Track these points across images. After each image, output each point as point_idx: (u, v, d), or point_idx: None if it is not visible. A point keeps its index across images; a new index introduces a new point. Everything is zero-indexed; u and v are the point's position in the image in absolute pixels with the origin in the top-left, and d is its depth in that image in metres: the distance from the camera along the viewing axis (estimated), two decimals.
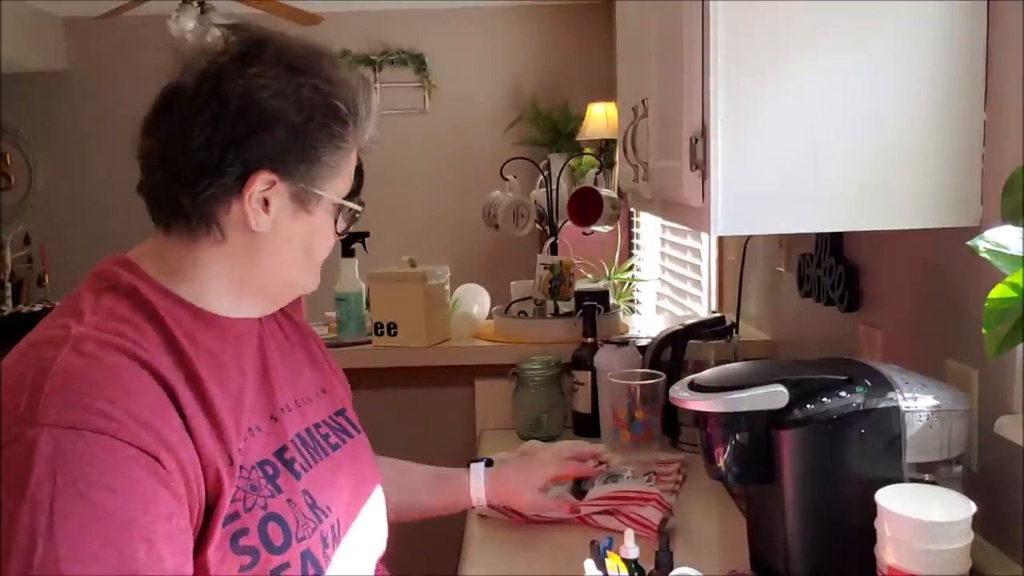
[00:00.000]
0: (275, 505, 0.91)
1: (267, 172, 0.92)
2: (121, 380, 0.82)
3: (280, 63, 0.92)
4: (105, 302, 0.90)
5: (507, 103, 5.43)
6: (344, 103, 0.94)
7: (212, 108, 0.90)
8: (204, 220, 0.93)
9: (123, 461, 0.78)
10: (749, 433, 1.13)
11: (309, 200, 0.96)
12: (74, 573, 0.74)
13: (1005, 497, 1.14)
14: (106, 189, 5.46)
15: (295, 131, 0.92)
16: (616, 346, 1.95)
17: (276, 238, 0.95)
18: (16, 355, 0.87)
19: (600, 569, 1.13)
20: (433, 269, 2.21)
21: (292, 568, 0.90)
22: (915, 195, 1.16)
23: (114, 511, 0.76)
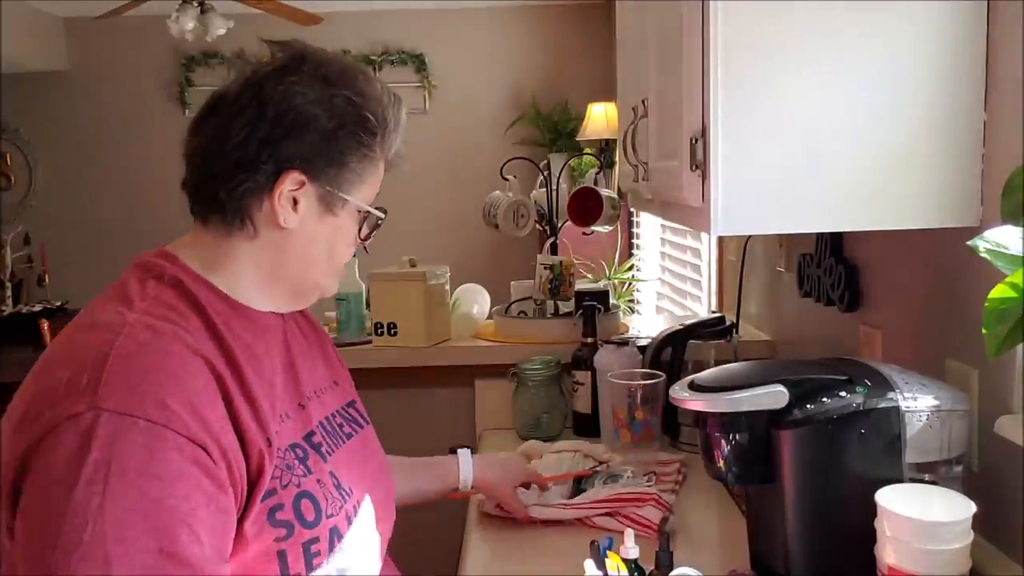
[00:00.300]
0: (307, 484, 0.98)
1: (297, 172, 0.99)
2: (174, 368, 0.89)
3: (317, 75, 1.00)
4: (151, 290, 0.97)
5: (507, 103, 5.43)
6: (373, 115, 1.02)
7: (251, 111, 0.98)
8: (238, 214, 0.99)
9: (172, 451, 0.84)
10: (749, 433, 1.13)
11: (335, 203, 1.02)
12: (119, 552, 0.79)
13: (1005, 497, 1.14)
14: (106, 189, 5.47)
15: (325, 137, 0.99)
16: (616, 346, 1.95)
17: (303, 236, 1.02)
18: (71, 335, 0.93)
19: (600, 569, 1.13)
20: (433, 269, 2.21)
21: (321, 543, 0.97)
22: (915, 195, 1.16)
23: (160, 498, 0.82)
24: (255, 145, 0.97)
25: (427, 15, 5.38)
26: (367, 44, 5.40)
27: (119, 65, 5.38)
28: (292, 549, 0.94)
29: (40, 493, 0.82)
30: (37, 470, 0.83)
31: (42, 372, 0.92)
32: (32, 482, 0.83)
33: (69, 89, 5.39)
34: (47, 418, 0.84)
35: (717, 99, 1.14)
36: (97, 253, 5.47)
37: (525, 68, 5.44)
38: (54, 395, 0.85)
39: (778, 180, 1.15)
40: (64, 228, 5.45)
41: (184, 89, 5.38)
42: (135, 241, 6.34)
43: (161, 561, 0.81)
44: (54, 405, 0.85)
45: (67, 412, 0.83)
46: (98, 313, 0.95)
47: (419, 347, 2.18)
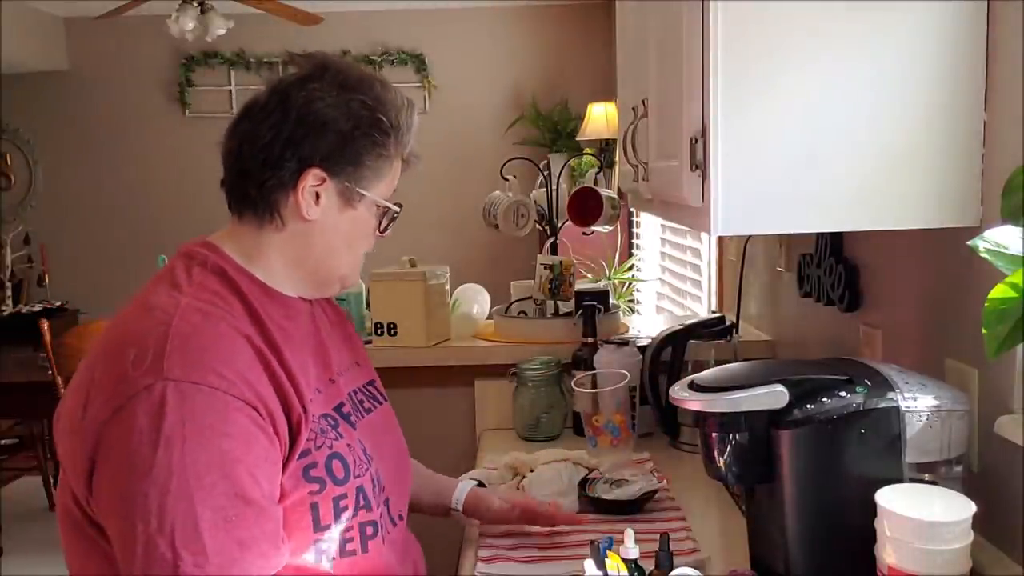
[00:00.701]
0: (338, 447, 1.11)
1: (317, 169, 1.09)
2: (224, 345, 1.02)
3: (335, 82, 1.11)
4: (197, 277, 1.09)
5: (507, 103, 5.43)
6: (387, 117, 1.12)
7: (277, 115, 1.09)
8: (268, 209, 1.11)
9: (232, 411, 0.98)
10: (749, 433, 1.13)
11: (353, 197, 1.13)
12: (201, 496, 0.94)
13: (1005, 497, 1.14)
14: (106, 189, 5.47)
15: (343, 137, 1.10)
16: (616, 346, 1.95)
17: (325, 228, 1.12)
18: (129, 318, 1.05)
19: (600, 569, 1.13)
20: (433, 269, 2.21)
21: (348, 499, 1.10)
22: (915, 195, 1.16)
23: (227, 451, 0.97)
24: (280, 145, 1.08)
25: (427, 15, 5.38)
26: (367, 44, 5.40)
27: (119, 65, 5.39)
28: (324, 503, 1.07)
29: (125, 457, 0.94)
30: (117, 438, 0.95)
31: (105, 354, 1.02)
32: (114, 449, 0.95)
33: (69, 89, 5.39)
34: (120, 393, 0.96)
35: (717, 99, 1.14)
36: (97, 253, 5.47)
37: (525, 68, 5.44)
38: (123, 372, 0.97)
39: (778, 180, 1.15)
40: (64, 228, 5.45)
41: (184, 89, 5.39)
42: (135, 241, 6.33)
43: (234, 502, 0.96)
44: (124, 381, 0.96)
45: (139, 385, 0.95)
46: (152, 297, 1.06)
47: (419, 347, 2.18)
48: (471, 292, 2.46)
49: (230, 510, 0.96)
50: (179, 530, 0.92)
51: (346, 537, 1.09)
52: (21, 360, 4.02)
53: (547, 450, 1.67)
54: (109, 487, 0.96)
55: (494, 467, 1.69)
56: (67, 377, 3.38)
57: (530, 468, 1.62)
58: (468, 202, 3.66)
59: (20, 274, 5.22)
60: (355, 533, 1.10)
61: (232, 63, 5.36)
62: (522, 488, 1.57)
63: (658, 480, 1.58)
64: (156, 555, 0.92)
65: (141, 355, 0.97)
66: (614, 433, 1.83)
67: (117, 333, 1.04)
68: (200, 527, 0.93)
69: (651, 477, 1.58)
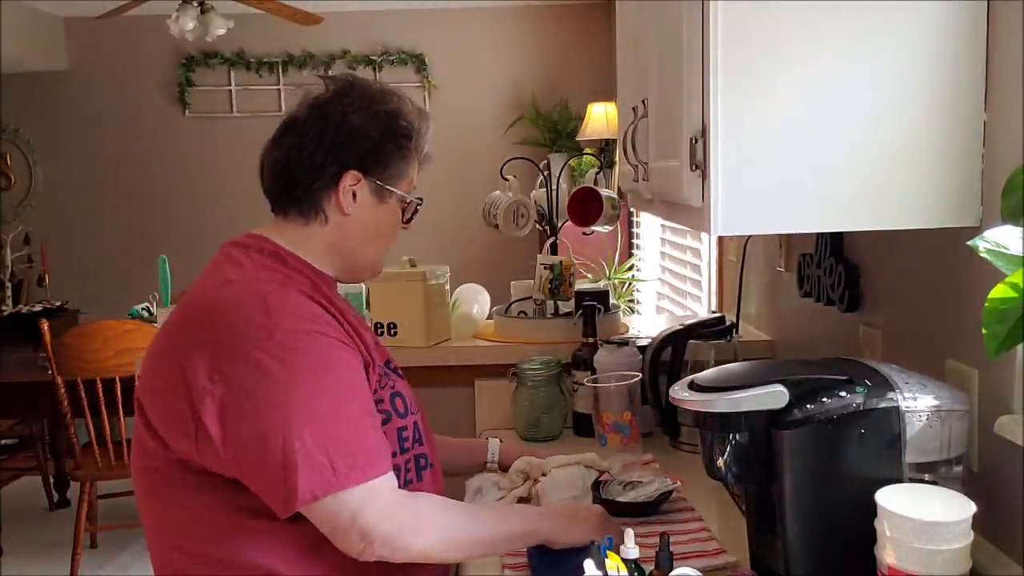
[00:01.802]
0: (399, 386, 1.36)
1: (354, 170, 1.29)
2: (306, 305, 1.23)
3: (364, 97, 1.32)
4: (256, 260, 1.27)
5: (507, 103, 5.43)
6: (407, 123, 1.34)
7: (318, 127, 1.29)
8: (313, 207, 1.30)
9: (337, 348, 1.21)
10: (749, 433, 1.13)
11: (384, 194, 1.33)
12: (337, 415, 1.16)
13: (1005, 497, 1.14)
14: (106, 189, 5.47)
15: (374, 143, 1.30)
16: (616, 346, 1.95)
17: (361, 221, 1.32)
18: (211, 292, 1.24)
19: (600, 569, 1.13)
20: (433, 269, 2.21)
21: (408, 431, 1.33)
22: (915, 195, 1.16)
23: (345, 379, 1.20)
24: (322, 153, 1.28)
25: (427, 15, 5.38)
26: (367, 44, 5.40)
27: (119, 65, 5.38)
28: (390, 433, 1.28)
29: (264, 393, 1.13)
30: (252, 381, 1.14)
31: (206, 319, 1.20)
32: (249, 391, 1.13)
33: (69, 89, 5.39)
34: (240, 346, 1.15)
35: (717, 99, 1.14)
36: (97, 253, 5.47)
37: (525, 68, 5.44)
38: (236, 330, 1.17)
39: (778, 180, 1.15)
40: (64, 228, 5.44)
41: (184, 89, 5.38)
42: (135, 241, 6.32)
43: (362, 416, 1.19)
44: (240, 336, 1.16)
45: (259, 336, 1.15)
46: (224, 275, 1.24)
47: (419, 347, 2.18)
48: (471, 292, 2.46)
49: (362, 421, 1.19)
50: (330, 444, 1.13)
51: (408, 466, 1.31)
52: (21, 360, 4.02)
53: (559, 456, 1.65)
54: (249, 423, 1.13)
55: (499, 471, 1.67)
56: (67, 377, 3.38)
57: (542, 472, 1.60)
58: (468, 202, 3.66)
59: (20, 274, 5.21)
60: (412, 464, 1.33)
61: (232, 63, 5.36)
62: (535, 493, 1.56)
63: (672, 481, 1.55)
64: (315, 463, 1.12)
65: (248, 314, 1.17)
66: (624, 432, 1.82)
67: (206, 304, 1.22)
68: (343, 437, 1.15)
69: (664, 478, 1.56)
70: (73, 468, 3.58)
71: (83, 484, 3.49)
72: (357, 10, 5.29)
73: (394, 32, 5.40)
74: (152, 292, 3.88)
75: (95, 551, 3.89)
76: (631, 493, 1.52)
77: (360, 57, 5.37)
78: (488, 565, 1.37)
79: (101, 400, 3.36)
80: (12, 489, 4.49)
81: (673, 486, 1.53)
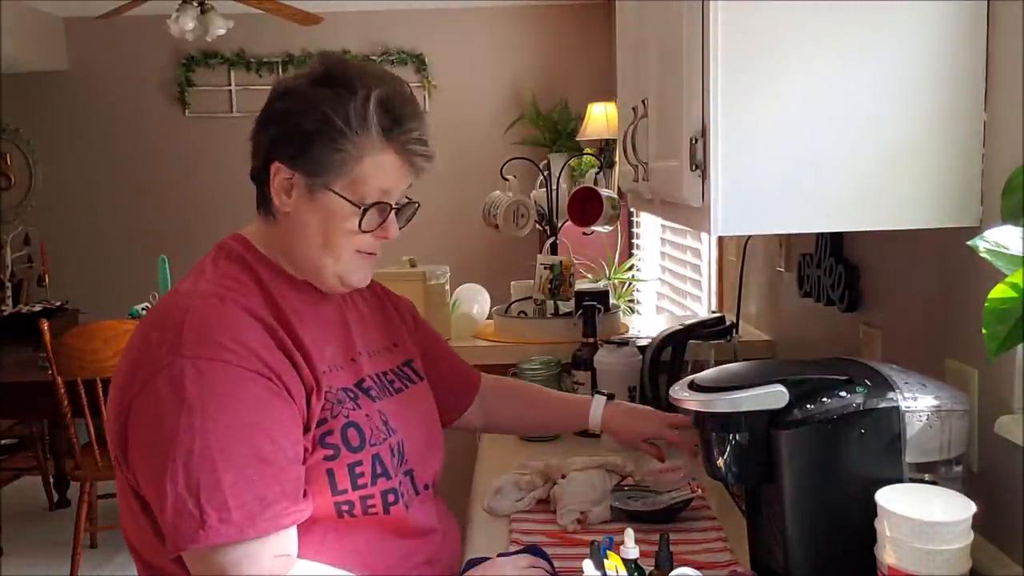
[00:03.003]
0: (355, 416, 1.19)
1: (278, 162, 1.16)
2: (234, 322, 1.11)
3: (314, 81, 1.17)
4: (221, 267, 1.20)
5: (507, 103, 5.43)
6: (337, 117, 1.14)
7: (264, 114, 1.20)
8: (263, 203, 1.22)
9: (246, 381, 1.08)
10: (749, 433, 1.13)
11: (316, 190, 1.17)
12: (223, 458, 1.03)
13: (1005, 497, 1.14)
14: (106, 189, 5.47)
15: (305, 134, 1.15)
16: (616, 346, 1.95)
17: (298, 220, 1.19)
18: (160, 304, 1.18)
19: (599, 569, 1.12)
20: (433, 269, 2.21)
21: (363, 466, 1.18)
22: (915, 195, 1.16)
23: (243, 416, 1.06)
24: (256, 142, 1.20)
25: (427, 15, 5.38)
26: (367, 44, 5.40)
27: (119, 65, 5.38)
28: (339, 469, 1.15)
29: (151, 425, 1.05)
30: (144, 409, 1.06)
31: (139, 336, 1.14)
32: (142, 420, 1.06)
33: (69, 89, 5.39)
34: (145, 371, 1.07)
35: (717, 99, 1.14)
36: (97, 253, 5.47)
37: (525, 68, 5.44)
38: (149, 352, 1.08)
39: (778, 180, 1.15)
40: (64, 228, 5.44)
41: (184, 89, 5.38)
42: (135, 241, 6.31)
43: (253, 462, 1.05)
44: (150, 360, 1.08)
45: (160, 363, 1.06)
46: (181, 285, 1.19)
47: None
48: (471, 292, 2.46)
49: (249, 469, 1.05)
50: (204, 489, 1.02)
51: (368, 503, 1.18)
52: (21, 360, 4.01)
53: (580, 458, 1.63)
54: (141, 454, 1.07)
55: (525, 472, 1.65)
56: (67, 377, 3.38)
57: (562, 474, 1.58)
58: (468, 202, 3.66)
59: (20, 274, 5.21)
60: (377, 500, 1.19)
61: (232, 63, 5.36)
62: (553, 497, 1.55)
63: (691, 490, 1.52)
64: (185, 511, 1.02)
65: (162, 337, 1.09)
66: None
67: (149, 318, 1.17)
68: (222, 486, 1.02)
69: (686, 487, 1.54)
70: (73, 468, 3.58)
71: (83, 484, 3.49)
72: (357, 10, 5.29)
73: (394, 32, 5.40)
74: (152, 292, 3.87)
75: (95, 551, 3.89)
76: (640, 502, 1.51)
77: (360, 57, 5.37)
78: None
79: (101, 400, 3.35)
80: (12, 489, 4.49)
81: (692, 495, 1.51)
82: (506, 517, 1.54)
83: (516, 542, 1.42)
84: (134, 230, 5.45)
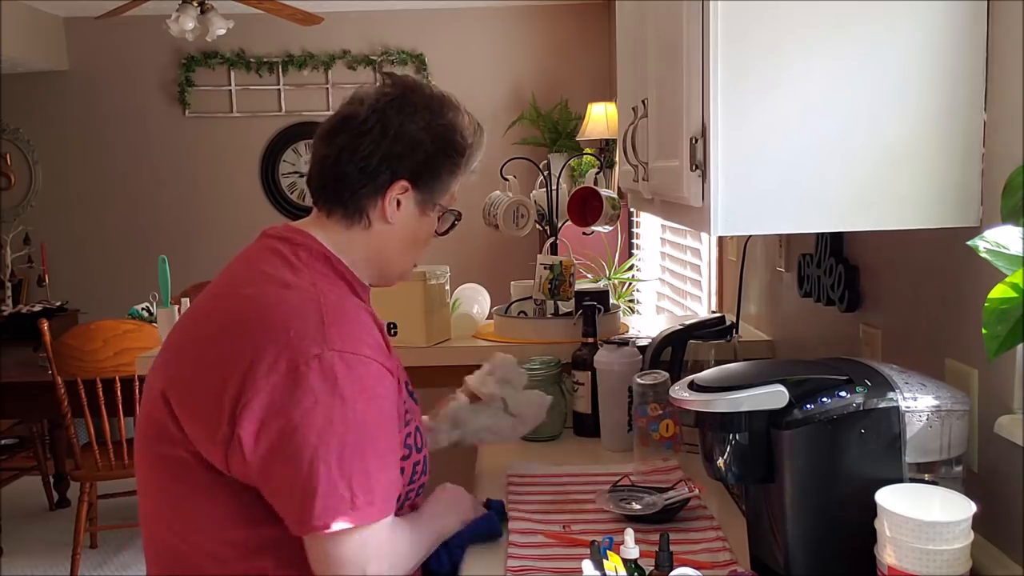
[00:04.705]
0: (417, 420, 1.36)
1: (405, 181, 1.29)
2: (362, 320, 1.23)
3: (424, 106, 1.30)
4: (306, 260, 1.27)
5: (507, 103, 5.43)
6: (463, 141, 1.33)
7: (376, 132, 1.27)
8: (358, 211, 1.30)
9: (382, 376, 1.19)
10: (749, 433, 1.13)
11: (427, 206, 1.33)
12: (372, 448, 1.15)
13: (1005, 497, 1.14)
14: (106, 189, 5.47)
15: (429, 155, 1.30)
16: (616, 346, 1.95)
17: (401, 230, 1.33)
18: (269, 295, 1.20)
19: (598, 569, 1.12)
20: (433, 269, 2.21)
21: (420, 466, 1.33)
22: (915, 195, 1.16)
23: (384, 409, 1.19)
24: (377, 159, 1.27)
25: (427, 15, 5.38)
26: (367, 44, 5.40)
27: (119, 65, 5.38)
28: (408, 467, 1.28)
29: (305, 412, 1.11)
30: (294, 398, 1.11)
31: (261, 327, 1.16)
32: (288, 407, 1.11)
33: (69, 89, 5.39)
34: (291, 360, 1.12)
35: (717, 99, 1.14)
36: (97, 253, 5.47)
37: (525, 68, 5.44)
38: (288, 342, 1.13)
39: (778, 180, 1.15)
40: (64, 228, 5.44)
41: (184, 89, 5.38)
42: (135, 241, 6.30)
43: (390, 453, 1.19)
44: (293, 349, 1.13)
45: (310, 354, 1.13)
46: (280, 275, 1.23)
47: (419, 347, 2.17)
48: (471, 292, 2.46)
49: (388, 457, 1.18)
50: (355, 475, 1.12)
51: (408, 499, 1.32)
52: (21, 360, 4.02)
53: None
54: (283, 438, 1.11)
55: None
56: (67, 377, 3.38)
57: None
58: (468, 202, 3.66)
59: (20, 274, 5.21)
60: (412, 497, 1.33)
61: (232, 63, 5.36)
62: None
63: (689, 490, 1.52)
64: (336, 493, 1.11)
65: (303, 325, 1.15)
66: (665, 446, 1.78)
67: (260, 306, 1.19)
68: (370, 472, 1.14)
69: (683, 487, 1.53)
70: (73, 468, 3.58)
71: (83, 484, 3.49)
72: (357, 10, 5.29)
73: (394, 32, 5.40)
74: (152, 292, 3.88)
75: (95, 551, 3.89)
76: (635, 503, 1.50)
77: (360, 57, 5.37)
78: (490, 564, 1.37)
79: (101, 400, 3.36)
80: (12, 489, 4.49)
81: (689, 495, 1.51)
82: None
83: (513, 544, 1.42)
84: (134, 230, 5.45)
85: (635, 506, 1.49)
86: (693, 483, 1.54)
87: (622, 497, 1.53)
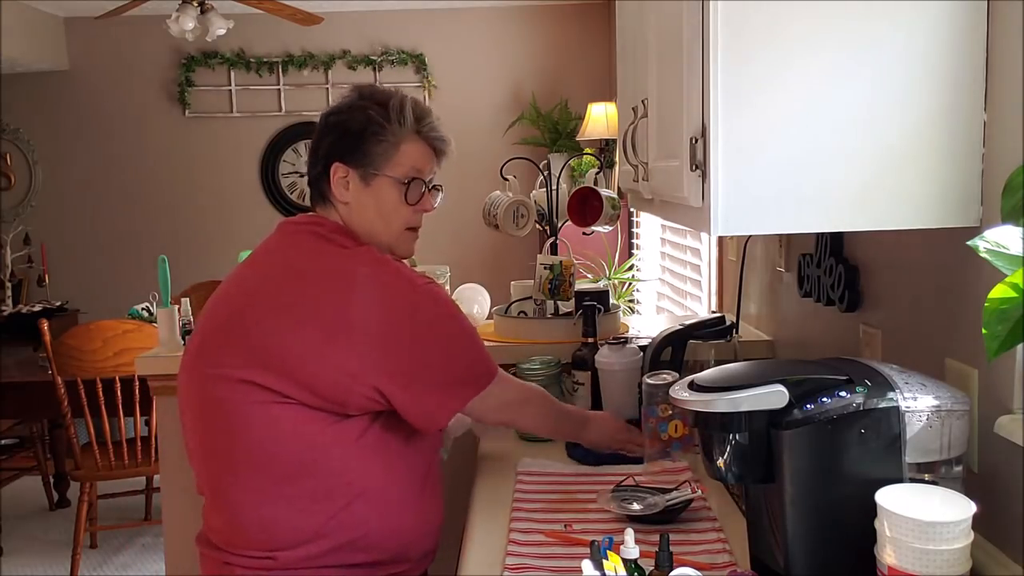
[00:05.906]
0: None
1: (338, 163, 1.54)
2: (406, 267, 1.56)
3: (351, 98, 1.57)
4: (340, 239, 1.52)
5: (507, 103, 5.43)
6: (377, 114, 1.53)
7: (316, 132, 1.59)
8: (322, 197, 1.58)
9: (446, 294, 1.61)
10: (749, 433, 1.13)
11: (369, 177, 1.54)
12: (478, 340, 1.58)
13: (1005, 497, 1.14)
14: (106, 189, 5.47)
15: (351, 134, 1.54)
16: (616, 346, 1.95)
17: (359, 206, 1.56)
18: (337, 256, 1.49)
19: (599, 569, 1.12)
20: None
21: None
22: (915, 195, 1.16)
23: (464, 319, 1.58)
24: (320, 153, 1.56)
25: (427, 15, 5.38)
26: (367, 44, 5.40)
27: (119, 65, 5.38)
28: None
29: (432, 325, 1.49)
30: (407, 311, 1.46)
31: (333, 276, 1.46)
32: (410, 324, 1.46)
33: (69, 89, 5.39)
34: (405, 291, 1.47)
35: (717, 99, 1.14)
36: (97, 253, 5.47)
37: (525, 68, 5.44)
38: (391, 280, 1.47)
39: (778, 180, 1.15)
40: (64, 228, 5.44)
41: (184, 89, 5.38)
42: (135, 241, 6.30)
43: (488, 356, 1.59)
44: (393, 288, 1.47)
45: (417, 283, 1.49)
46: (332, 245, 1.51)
47: None
48: (471, 292, 2.46)
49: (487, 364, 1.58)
50: (481, 353, 1.56)
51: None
52: (21, 360, 4.02)
53: None
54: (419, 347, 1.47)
55: None
56: (67, 377, 3.38)
57: None
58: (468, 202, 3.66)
59: (20, 274, 5.22)
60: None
61: (232, 63, 5.36)
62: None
63: (692, 491, 1.52)
64: (480, 366, 1.55)
65: (385, 271, 1.48)
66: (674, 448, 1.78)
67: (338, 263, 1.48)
68: (484, 352, 1.57)
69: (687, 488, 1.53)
70: (73, 468, 3.58)
71: (83, 484, 3.49)
72: (357, 10, 5.29)
73: (394, 32, 5.39)
74: (152, 292, 3.87)
75: (95, 551, 3.89)
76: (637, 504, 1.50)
77: (360, 57, 5.37)
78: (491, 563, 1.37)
79: (101, 400, 3.36)
80: (12, 489, 4.50)
81: (692, 496, 1.50)
82: (505, 517, 1.54)
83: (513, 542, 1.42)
84: (134, 230, 5.45)
85: (636, 506, 1.49)
86: (699, 484, 1.54)
87: (624, 497, 1.53)
